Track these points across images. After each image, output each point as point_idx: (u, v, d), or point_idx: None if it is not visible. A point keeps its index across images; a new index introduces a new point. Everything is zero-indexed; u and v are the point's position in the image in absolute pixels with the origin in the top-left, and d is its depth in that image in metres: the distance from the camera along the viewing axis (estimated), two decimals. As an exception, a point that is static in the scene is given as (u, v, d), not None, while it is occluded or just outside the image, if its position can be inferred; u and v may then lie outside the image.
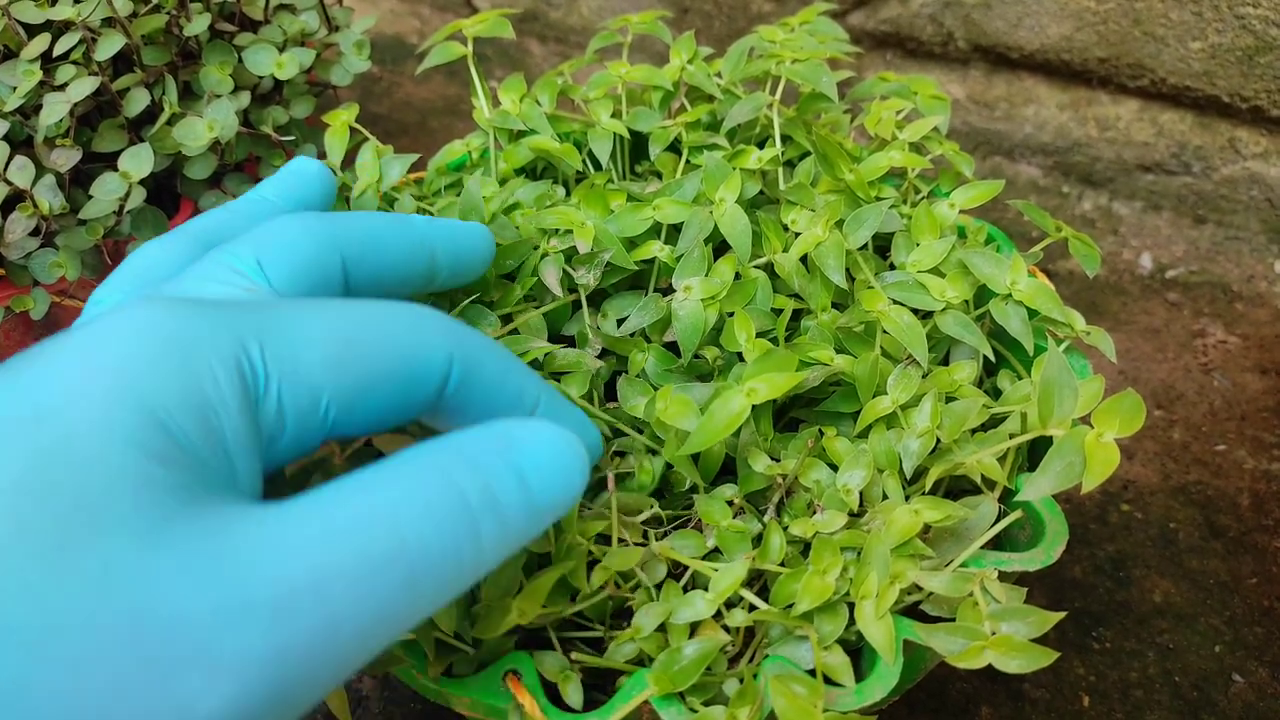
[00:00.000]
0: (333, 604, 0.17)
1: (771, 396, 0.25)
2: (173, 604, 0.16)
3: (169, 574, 0.17)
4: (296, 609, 0.17)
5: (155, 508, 0.17)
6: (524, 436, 0.21)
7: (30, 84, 0.38)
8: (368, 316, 0.22)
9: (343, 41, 0.46)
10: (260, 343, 0.20)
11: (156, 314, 0.19)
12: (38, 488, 0.17)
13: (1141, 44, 0.55)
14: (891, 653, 0.24)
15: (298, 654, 0.17)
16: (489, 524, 0.20)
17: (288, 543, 0.18)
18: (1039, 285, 0.31)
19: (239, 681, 0.16)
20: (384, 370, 0.21)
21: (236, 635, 0.17)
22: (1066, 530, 0.27)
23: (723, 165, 0.33)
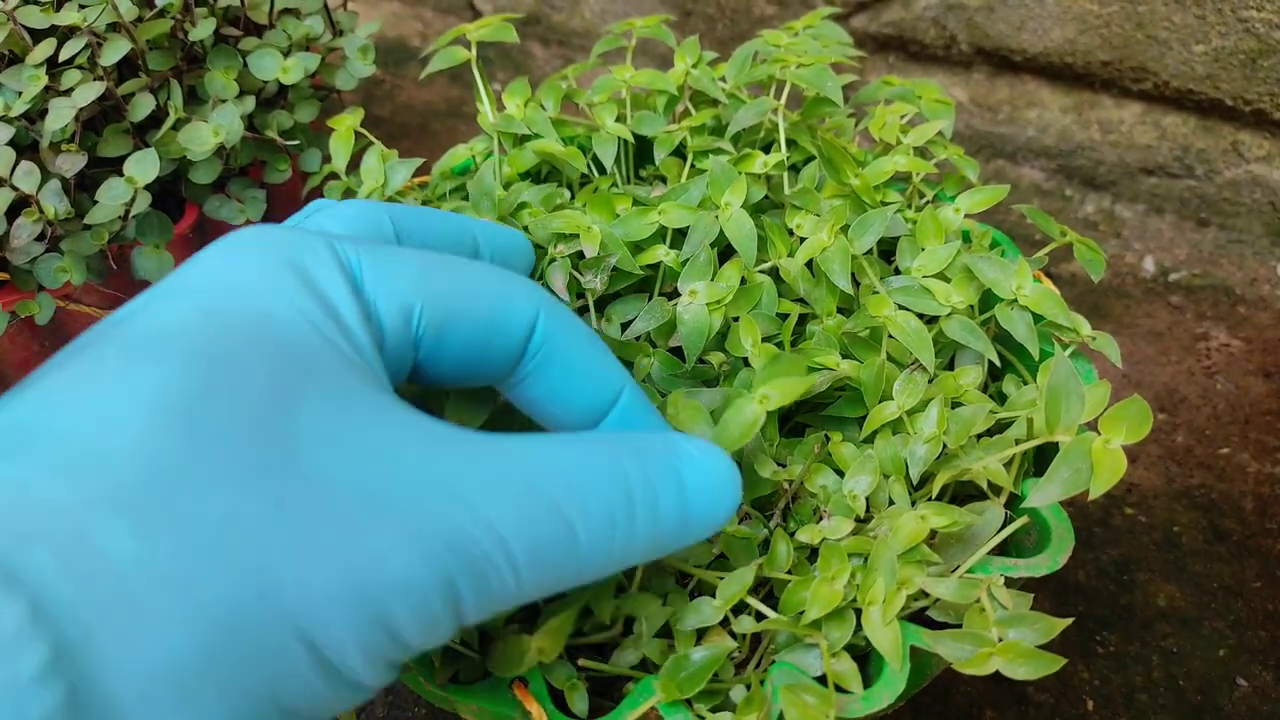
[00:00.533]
0: (503, 527, 0.19)
1: (784, 403, 0.25)
2: (363, 476, 0.18)
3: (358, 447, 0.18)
4: (476, 517, 0.18)
5: (337, 379, 0.19)
6: (688, 448, 0.22)
7: (36, 89, 0.38)
8: (461, 261, 0.24)
9: (347, 46, 0.46)
10: (357, 253, 0.22)
11: (268, 233, 0.21)
12: (227, 362, 0.18)
13: (1144, 47, 0.55)
14: (899, 659, 0.24)
15: (469, 558, 0.18)
16: (643, 513, 0.21)
17: (473, 457, 0.19)
18: (1044, 290, 0.31)
19: (420, 553, 0.18)
20: (472, 302, 0.23)
21: (423, 516, 0.18)
22: (1073, 536, 0.27)
23: (728, 170, 0.33)
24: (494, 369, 0.24)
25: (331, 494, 0.17)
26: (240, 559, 0.16)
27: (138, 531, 0.16)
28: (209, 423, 0.17)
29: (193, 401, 0.17)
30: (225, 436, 0.17)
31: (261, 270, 0.20)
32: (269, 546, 0.17)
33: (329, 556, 0.17)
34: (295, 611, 0.17)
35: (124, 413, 0.17)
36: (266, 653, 0.16)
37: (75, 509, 0.15)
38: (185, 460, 0.16)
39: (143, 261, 0.41)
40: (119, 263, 0.41)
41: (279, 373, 0.18)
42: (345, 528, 0.17)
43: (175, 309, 0.19)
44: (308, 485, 0.17)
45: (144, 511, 0.16)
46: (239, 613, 0.16)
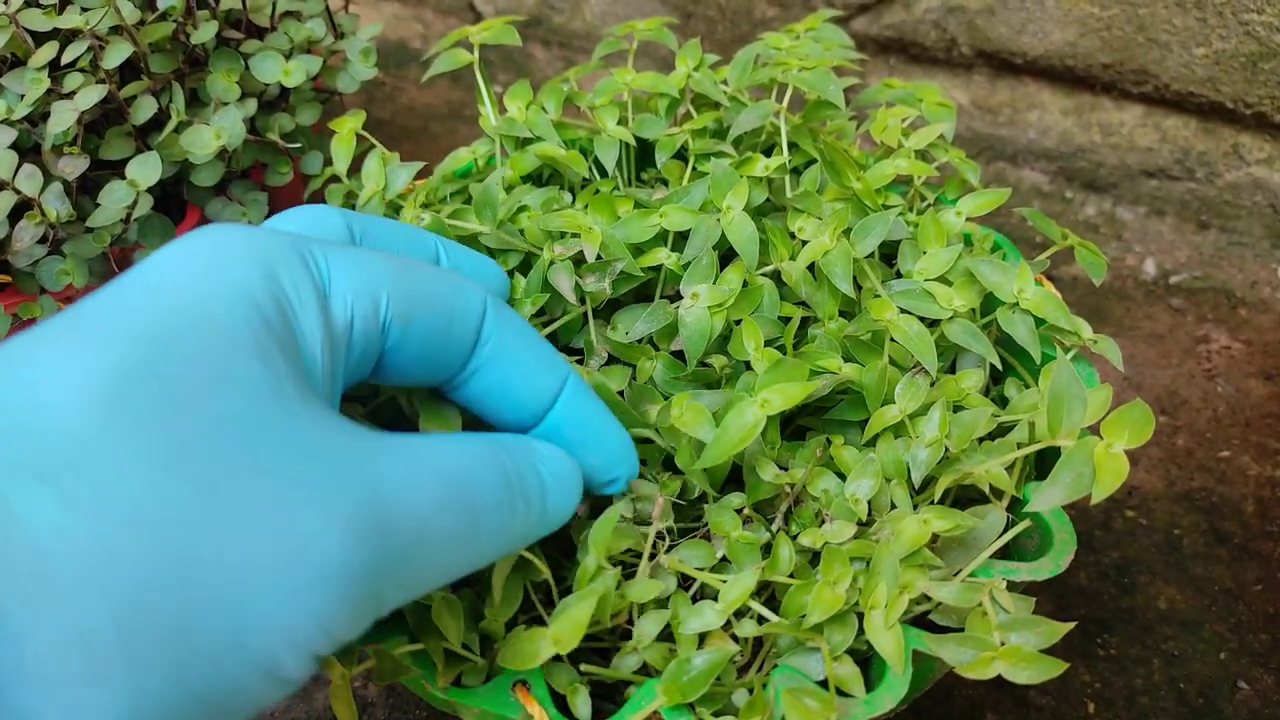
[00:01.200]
0: (419, 507, 0.20)
1: (785, 408, 0.25)
2: (289, 459, 0.18)
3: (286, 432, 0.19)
4: (399, 503, 0.19)
5: (271, 368, 0.19)
6: (543, 450, 0.24)
7: (38, 92, 0.38)
8: (412, 260, 0.25)
9: (349, 48, 0.46)
10: (323, 251, 0.23)
11: (231, 229, 0.22)
12: (164, 340, 0.18)
13: (1145, 50, 0.55)
14: (901, 663, 0.24)
15: (392, 539, 0.19)
16: (520, 500, 0.23)
17: (387, 449, 0.20)
18: (1046, 294, 0.31)
19: (348, 533, 0.18)
20: (431, 290, 0.24)
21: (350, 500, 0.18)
22: (1075, 540, 0.27)
23: (730, 173, 0.33)
24: (451, 359, 0.25)
25: (256, 476, 0.18)
26: (161, 536, 0.16)
27: (59, 501, 0.16)
28: (137, 401, 0.17)
29: (122, 380, 0.17)
30: (152, 416, 0.17)
31: (222, 260, 0.21)
32: (191, 525, 0.16)
33: (253, 537, 0.17)
34: (216, 592, 0.16)
35: (54, 388, 0.17)
36: (182, 632, 0.16)
37: (2, 470, 0.16)
38: (111, 436, 0.17)
39: (144, 264, 0.41)
40: (121, 265, 0.41)
41: (212, 357, 0.19)
42: (270, 509, 0.17)
43: (123, 291, 0.20)
44: (232, 467, 0.17)
45: (66, 482, 0.16)
46: (156, 589, 0.16)
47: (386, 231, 0.27)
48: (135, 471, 0.16)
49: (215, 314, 0.19)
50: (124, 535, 0.16)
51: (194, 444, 0.17)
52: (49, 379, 0.17)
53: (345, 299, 0.22)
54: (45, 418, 0.16)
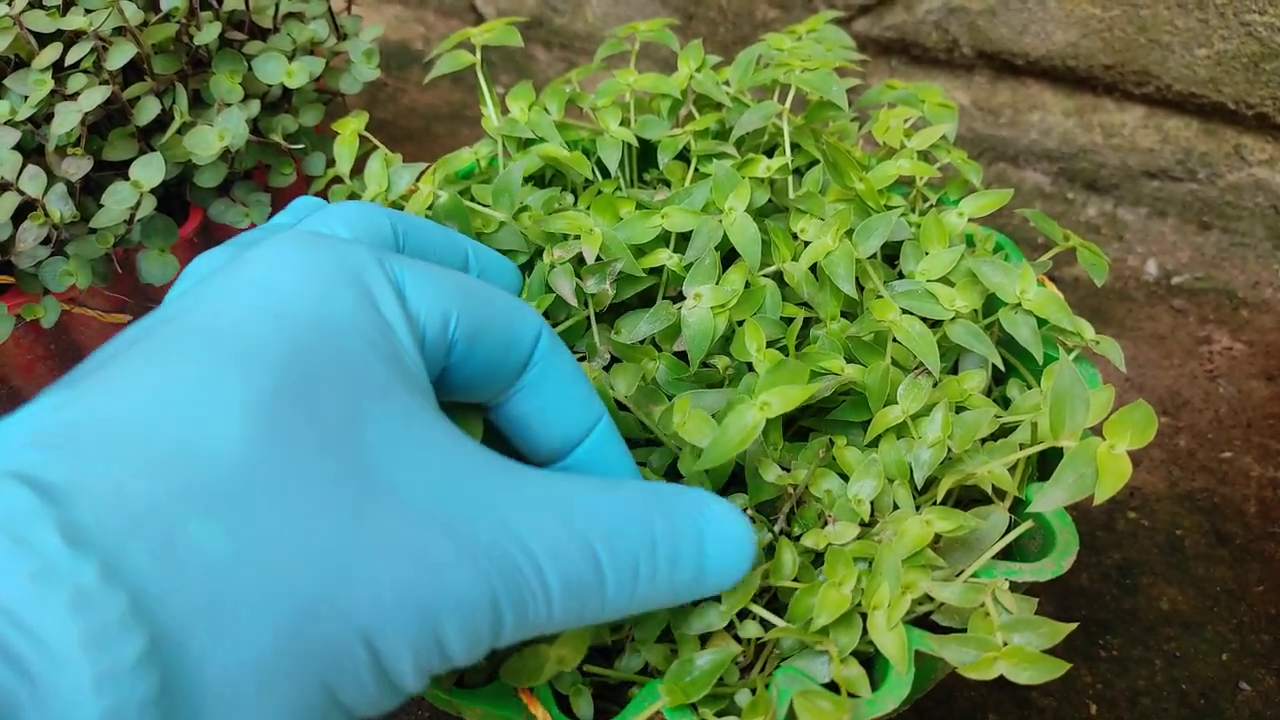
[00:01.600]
0: (542, 559, 0.20)
1: (785, 410, 0.25)
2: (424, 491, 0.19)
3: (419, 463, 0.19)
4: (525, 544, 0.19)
5: (396, 401, 0.20)
6: (714, 509, 0.24)
7: (42, 93, 0.38)
8: (472, 278, 0.25)
9: (351, 50, 0.46)
10: (398, 267, 0.23)
11: (303, 241, 0.22)
12: (302, 372, 0.19)
13: (1147, 51, 0.55)
14: (904, 663, 0.24)
15: (514, 583, 0.19)
16: (664, 565, 0.22)
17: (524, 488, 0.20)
18: (1048, 294, 0.31)
19: (477, 572, 0.19)
20: (494, 312, 0.24)
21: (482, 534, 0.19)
22: (1077, 540, 0.27)
23: (732, 174, 0.33)
24: (503, 380, 0.25)
25: (399, 506, 0.18)
26: (318, 561, 0.17)
27: (228, 531, 0.16)
28: (291, 430, 0.18)
29: (277, 408, 0.18)
30: (306, 444, 0.18)
31: (323, 278, 0.21)
32: (345, 551, 0.17)
33: (396, 564, 0.18)
34: (362, 614, 0.17)
35: (213, 413, 0.17)
36: (333, 650, 0.17)
37: (169, 507, 0.16)
38: (271, 465, 0.17)
39: (148, 265, 0.41)
40: (124, 266, 0.41)
41: (349, 385, 0.19)
42: (412, 538, 0.18)
43: (246, 308, 0.20)
44: (379, 496, 0.18)
45: (233, 512, 0.17)
46: (314, 612, 0.17)
47: (424, 231, 0.28)
48: (295, 507, 0.17)
49: (341, 341, 0.20)
50: (286, 563, 0.17)
51: (344, 478, 0.18)
52: (206, 404, 0.17)
53: (418, 310, 0.23)
54: (208, 446, 0.17)
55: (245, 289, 0.20)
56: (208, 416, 0.17)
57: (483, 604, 0.19)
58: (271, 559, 0.17)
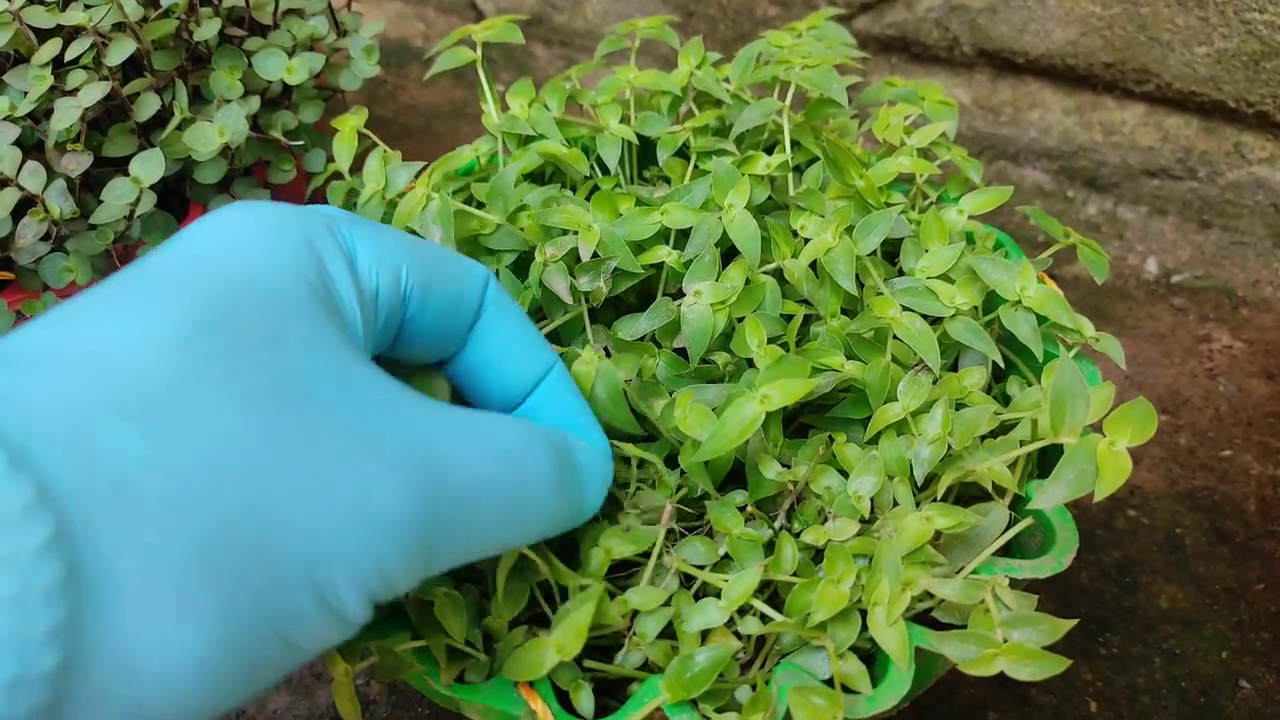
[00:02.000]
0: (474, 471, 0.21)
1: (785, 404, 0.25)
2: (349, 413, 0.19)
3: (344, 387, 0.19)
4: (456, 462, 0.20)
5: (325, 329, 0.20)
6: (580, 443, 0.26)
7: (41, 89, 0.38)
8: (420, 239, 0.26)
9: (351, 46, 0.46)
10: (347, 224, 0.24)
11: (256, 204, 0.23)
12: (227, 302, 0.19)
13: (1147, 49, 0.55)
14: (905, 659, 0.24)
15: (447, 495, 0.20)
16: (569, 482, 0.24)
17: (443, 411, 0.21)
18: (1048, 291, 0.31)
19: (407, 483, 0.19)
20: (443, 266, 0.25)
21: (409, 454, 0.19)
22: (1077, 537, 0.27)
23: (732, 171, 0.33)
24: (458, 331, 0.26)
25: (323, 425, 0.18)
26: (242, 475, 0.17)
27: (144, 436, 0.16)
28: (208, 352, 0.18)
29: (193, 333, 0.18)
30: (224, 366, 0.18)
31: (269, 233, 0.22)
32: (267, 465, 0.17)
33: (322, 479, 0.18)
34: (289, 527, 0.17)
35: (129, 338, 0.18)
36: (261, 564, 0.17)
37: (87, 408, 0.16)
38: (189, 381, 0.17)
39: (147, 261, 0.41)
40: (124, 262, 0.41)
41: (279, 317, 0.20)
42: (336, 455, 0.18)
43: (191, 253, 0.21)
44: (301, 415, 0.18)
45: (151, 419, 0.17)
46: (236, 523, 0.17)
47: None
48: (214, 414, 0.17)
49: (267, 280, 0.20)
50: (206, 472, 0.17)
51: (265, 392, 0.18)
52: (121, 330, 0.18)
53: (370, 268, 0.23)
54: (124, 363, 0.17)
55: (192, 241, 0.21)
56: (135, 339, 0.18)
57: (418, 519, 0.19)
58: (187, 465, 0.17)
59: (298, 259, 0.21)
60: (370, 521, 0.18)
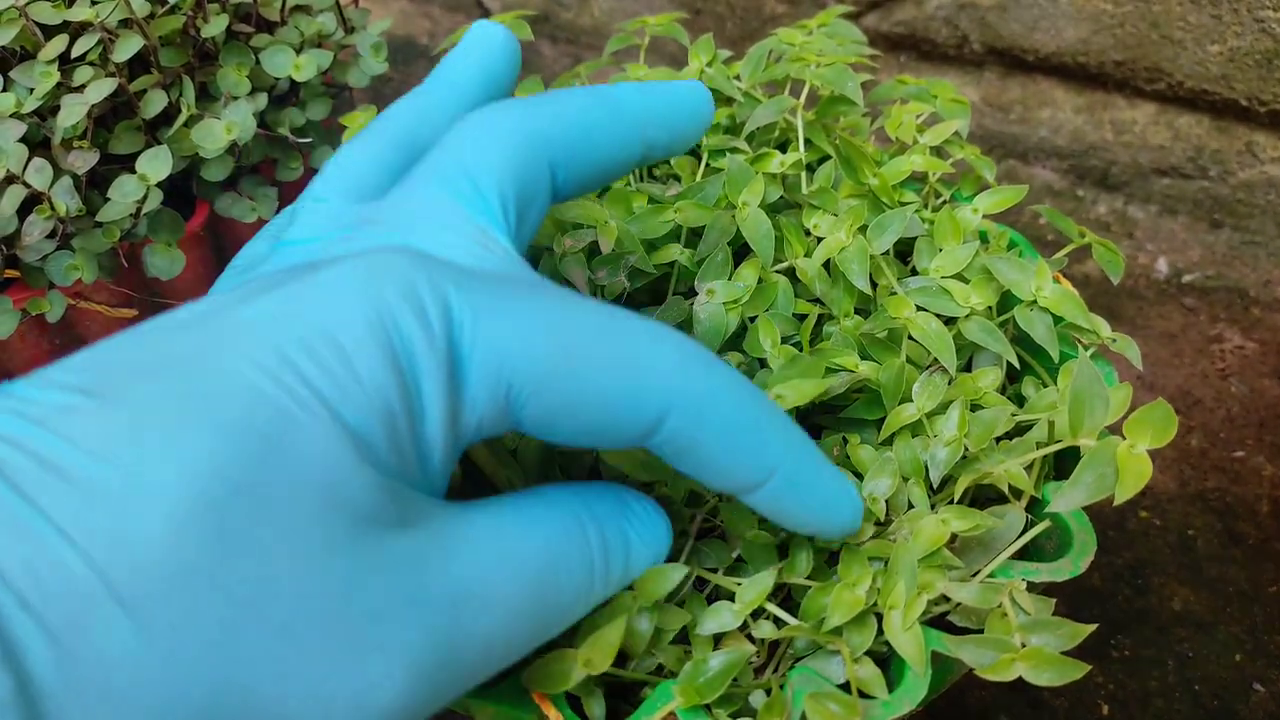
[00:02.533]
0: (493, 613, 0.19)
1: (798, 404, 0.25)
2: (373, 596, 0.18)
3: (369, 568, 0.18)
4: (466, 611, 0.19)
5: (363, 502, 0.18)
6: (636, 509, 0.23)
7: (48, 85, 0.38)
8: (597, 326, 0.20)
9: (359, 43, 0.46)
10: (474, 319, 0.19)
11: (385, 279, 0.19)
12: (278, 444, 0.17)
13: (1159, 47, 0.55)
14: (922, 664, 0.24)
15: (460, 662, 0.19)
16: (599, 580, 0.22)
17: (463, 548, 0.19)
18: (1064, 291, 0.31)
19: (412, 679, 0.18)
20: (590, 399, 0.20)
21: (420, 632, 0.18)
22: (1095, 540, 0.27)
23: (745, 169, 0.33)
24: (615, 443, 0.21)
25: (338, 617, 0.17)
26: (227, 678, 0.16)
27: (136, 629, 0.15)
28: (237, 520, 0.16)
29: (229, 491, 0.16)
30: (244, 544, 0.16)
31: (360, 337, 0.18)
32: (260, 670, 0.16)
33: (320, 684, 0.17)
34: None
35: (158, 483, 0.16)
36: None
37: (83, 589, 0.15)
38: (202, 561, 0.16)
39: (154, 259, 0.41)
40: (130, 260, 0.41)
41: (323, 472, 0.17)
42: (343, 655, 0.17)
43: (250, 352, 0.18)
44: (317, 605, 0.17)
45: (148, 609, 0.15)
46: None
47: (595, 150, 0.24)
48: (217, 610, 0.16)
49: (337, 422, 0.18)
50: (191, 673, 0.16)
51: (285, 582, 0.17)
52: (155, 468, 0.16)
53: (475, 404, 0.19)
54: (139, 531, 0.16)
55: (269, 322, 0.18)
56: (151, 486, 0.16)
57: (419, 702, 0.18)
58: (174, 664, 0.15)
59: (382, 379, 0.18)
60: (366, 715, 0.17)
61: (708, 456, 0.21)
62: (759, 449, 0.22)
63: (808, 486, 0.23)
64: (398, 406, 0.18)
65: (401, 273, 0.19)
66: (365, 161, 0.24)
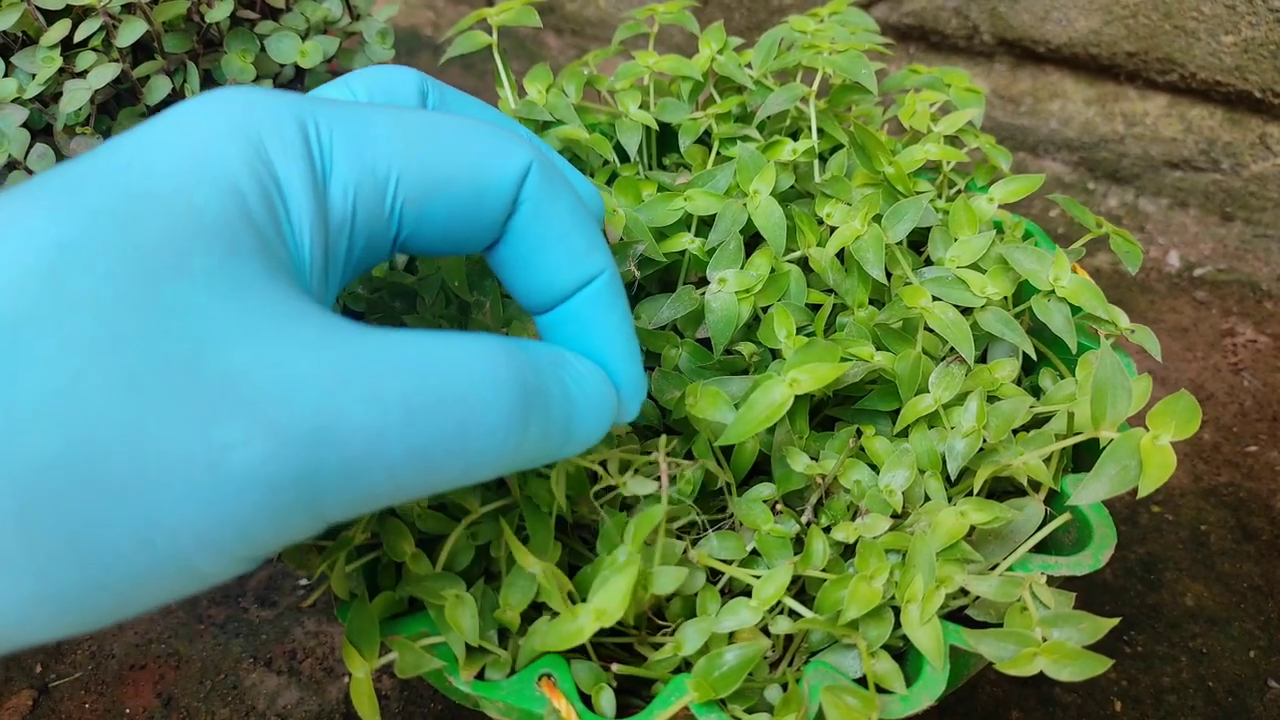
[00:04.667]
0: (381, 423, 0.18)
1: (814, 388, 0.24)
2: (233, 360, 0.17)
3: (237, 330, 0.17)
4: (347, 413, 0.17)
5: (240, 261, 0.18)
6: (576, 364, 0.22)
7: (50, 71, 0.37)
8: (443, 118, 0.21)
9: (365, 30, 0.45)
10: (329, 124, 0.20)
11: (229, 97, 0.20)
12: (126, 219, 0.17)
13: (1171, 38, 0.54)
14: (940, 659, 0.23)
15: (337, 450, 0.17)
16: (536, 418, 0.20)
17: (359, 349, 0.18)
18: (1083, 281, 0.30)
19: (274, 445, 0.17)
20: (456, 162, 0.21)
21: (285, 408, 0.17)
22: (1115, 533, 0.26)
23: (757, 156, 0.33)
24: (479, 234, 0.22)
25: (186, 378, 0.17)
26: (73, 426, 0.16)
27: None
28: (80, 282, 0.16)
29: (69, 257, 0.17)
30: (92, 300, 0.16)
31: (210, 137, 0.19)
32: (106, 420, 0.16)
33: (169, 441, 0.16)
34: (123, 491, 0.16)
35: (14, 248, 0.16)
36: (86, 524, 0.16)
37: None
38: (45, 318, 0.16)
39: (157, 248, 0.40)
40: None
41: (173, 243, 0.17)
42: (191, 415, 0.16)
43: (96, 161, 0.18)
44: (164, 365, 0.17)
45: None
46: (60, 479, 0.16)
47: (460, 107, 0.25)
48: (62, 359, 0.16)
49: (185, 195, 0.18)
50: (37, 422, 0.15)
51: (130, 336, 0.16)
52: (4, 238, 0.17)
53: (346, 186, 0.20)
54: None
55: (116, 144, 0.19)
56: (11, 253, 0.16)
57: (284, 481, 0.17)
58: (18, 413, 0.15)
59: (235, 172, 0.19)
60: (222, 484, 0.16)
61: (552, 231, 0.22)
62: (592, 239, 0.23)
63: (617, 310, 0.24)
64: (252, 194, 0.19)
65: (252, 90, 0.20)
66: None
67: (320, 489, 0.17)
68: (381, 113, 0.21)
